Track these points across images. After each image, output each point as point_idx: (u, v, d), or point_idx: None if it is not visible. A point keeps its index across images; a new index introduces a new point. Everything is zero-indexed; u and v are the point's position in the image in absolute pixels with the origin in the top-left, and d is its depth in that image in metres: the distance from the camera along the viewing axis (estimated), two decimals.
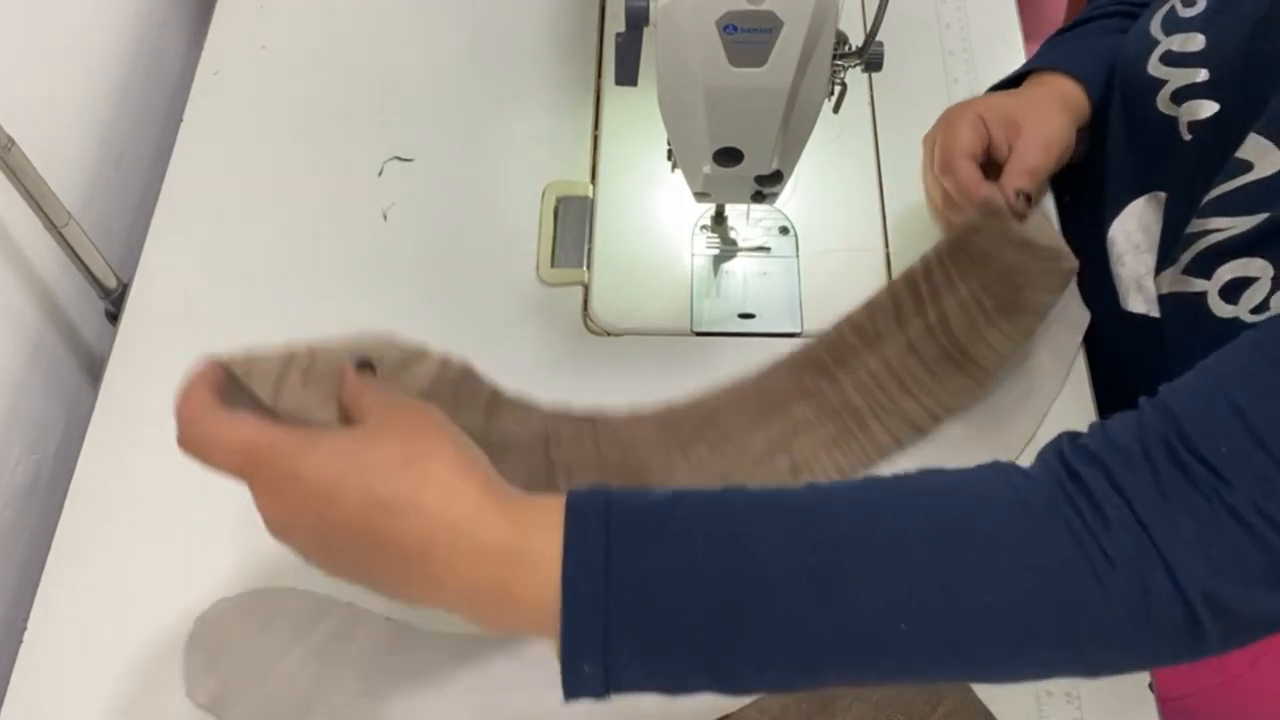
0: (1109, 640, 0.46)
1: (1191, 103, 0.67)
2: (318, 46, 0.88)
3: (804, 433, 0.69)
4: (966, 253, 0.68)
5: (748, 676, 0.46)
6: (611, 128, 0.85)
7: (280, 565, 0.66)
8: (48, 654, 0.64)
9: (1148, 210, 0.71)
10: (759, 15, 0.55)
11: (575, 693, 0.46)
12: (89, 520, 0.68)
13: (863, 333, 0.70)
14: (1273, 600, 0.46)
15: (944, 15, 0.90)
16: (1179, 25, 0.70)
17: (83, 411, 0.73)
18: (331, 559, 0.48)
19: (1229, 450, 0.46)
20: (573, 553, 0.45)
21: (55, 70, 0.80)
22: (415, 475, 0.47)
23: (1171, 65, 0.69)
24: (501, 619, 0.47)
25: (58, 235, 0.74)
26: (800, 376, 0.70)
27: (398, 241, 0.79)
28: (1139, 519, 0.46)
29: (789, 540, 0.46)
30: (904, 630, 0.45)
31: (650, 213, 0.81)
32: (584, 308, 0.77)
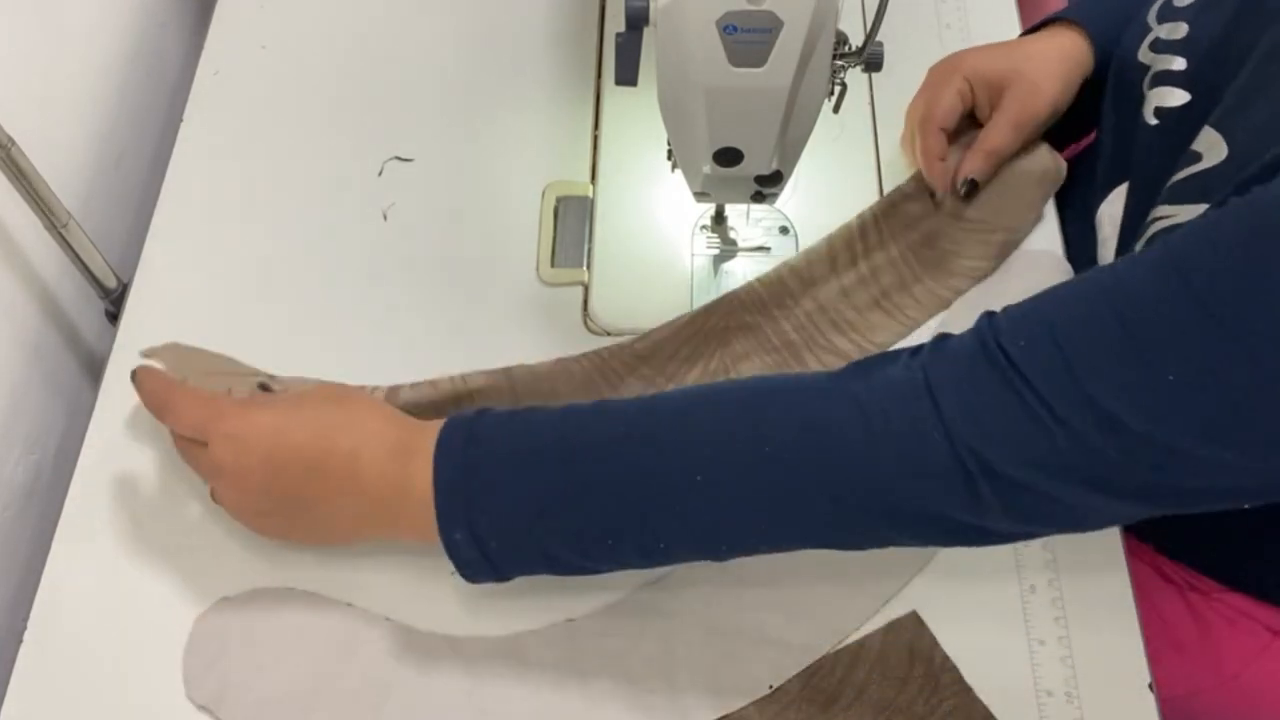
0: (885, 488, 0.53)
1: (1162, 89, 0.67)
2: (318, 46, 0.88)
3: (742, 363, 0.72)
4: (898, 216, 0.77)
5: (602, 551, 0.56)
6: (611, 128, 0.85)
7: (281, 565, 0.66)
8: (48, 654, 0.64)
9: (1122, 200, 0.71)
10: (759, 15, 0.55)
11: (464, 569, 0.57)
12: (89, 520, 0.68)
13: (800, 276, 0.75)
14: (1058, 488, 0.51)
15: (944, 15, 0.90)
16: (1172, 14, 0.70)
17: (83, 411, 0.73)
18: (276, 492, 0.59)
19: (1027, 344, 0.51)
20: (442, 445, 0.57)
21: (55, 70, 0.80)
22: (346, 407, 0.61)
23: (1158, 52, 0.69)
24: (402, 512, 0.58)
25: (58, 235, 0.74)
26: (739, 313, 0.74)
27: (398, 241, 0.79)
28: (930, 388, 0.52)
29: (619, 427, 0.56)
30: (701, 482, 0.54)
31: (650, 213, 0.81)
32: (584, 308, 0.77)
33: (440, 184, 0.82)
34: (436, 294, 0.77)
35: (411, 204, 0.81)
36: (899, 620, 0.65)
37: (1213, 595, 0.76)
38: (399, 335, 0.75)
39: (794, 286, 0.74)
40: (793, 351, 0.73)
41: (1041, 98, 0.73)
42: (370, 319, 0.76)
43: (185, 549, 0.67)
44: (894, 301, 0.75)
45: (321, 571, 0.66)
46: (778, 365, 0.72)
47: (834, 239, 0.76)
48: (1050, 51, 0.75)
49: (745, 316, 0.73)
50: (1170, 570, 0.78)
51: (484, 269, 0.78)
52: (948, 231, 0.76)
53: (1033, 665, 0.64)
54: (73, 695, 0.63)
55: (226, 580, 0.66)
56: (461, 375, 0.70)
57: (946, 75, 0.75)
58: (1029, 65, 0.74)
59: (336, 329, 0.76)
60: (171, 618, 0.65)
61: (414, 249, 0.79)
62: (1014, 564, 0.67)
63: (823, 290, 0.74)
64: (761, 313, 0.74)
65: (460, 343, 0.75)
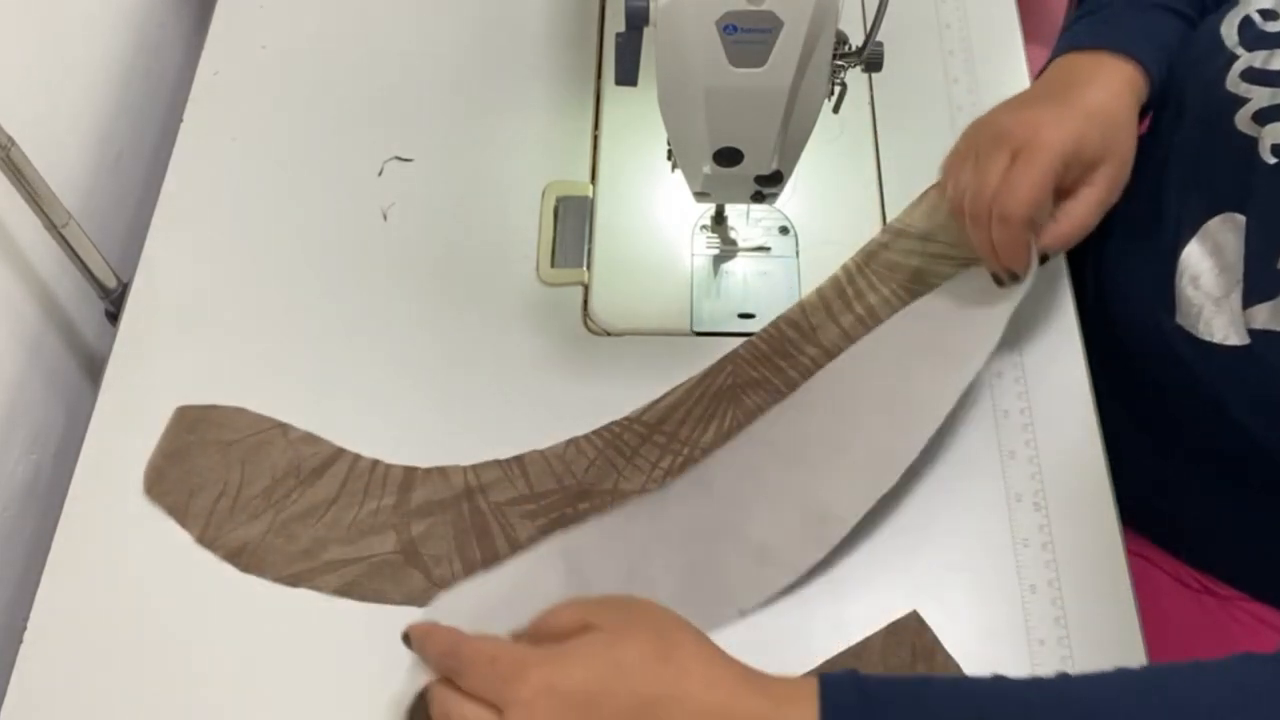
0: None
1: (1276, 125, 0.64)
2: (318, 46, 0.88)
3: (756, 419, 0.71)
4: (880, 261, 0.77)
5: None
6: (611, 128, 0.85)
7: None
8: (48, 654, 0.64)
9: (1224, 231, 0.68)
10: (759, 15, 0.55)
11: None
12: (89, 520, 0.68)
13: (798, 326, 0.75)
14: None
15: (944, 15, 0.90)
16: (1263, 40, 0.67)
17: (83, 411, 0.73)
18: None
19: None
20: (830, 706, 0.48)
21: (55, 70, 0.80)
22: (674, 668, 0.50)
23: (1255, 83, 0.66)
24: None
25: (58, 235, 0.74)
26: (745, 370, 0.73)
27: (398, 241, 0.79)
28: None
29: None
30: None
31: (650, 213, 0.81)
32: (584, 308, 0.77)
33: (440, 184, 0.82)
34: (436, 294, 0.77)
35: (411, 204, 0.81)
36: (900, 620, 0.65)
37: (1231, 602, 0.76)
38: (399, 335, 0.75)
39: (794, 336, 0.74)
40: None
41: (1128, 171, 0.68)
42: (370, 319, 0.76)
43: (185, 549, 0.67)
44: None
45: None
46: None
47: (823, 289, 0.76)
48: (1128, 113, 0.67)
49: (751, 372, 0.73)
50: (1188, 577, 0.78)
51: (484, 269, 0.78)
52: (936, 269, 0.75)
53: (1033, 665, 0.64)
54: (73, 695, 0.63)
55: (227, 580, 0.66)
56: (473, 468, 0.69)
57: (1035, 146, 0.64)
58: (1120, 140, 0.66)
59: (336, 328, 0.76)
60: (172, 618, 0.65)
61: (414, 249, 0.79)
62: (1014, 564, 0.67)
63: (824, 335, 0.74)
64: (767, 365, 0.73)
65: (460, 342, 0.75)
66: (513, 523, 0.67)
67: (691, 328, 0.76)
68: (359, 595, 0.65)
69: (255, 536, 0.67)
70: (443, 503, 0.68)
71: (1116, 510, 0.69)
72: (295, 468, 0.69)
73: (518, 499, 0.68)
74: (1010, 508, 0.69)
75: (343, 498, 0.68)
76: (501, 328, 0.75)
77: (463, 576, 0.66)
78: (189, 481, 0.69)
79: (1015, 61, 0.87)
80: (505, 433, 0.71)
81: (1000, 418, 0.72)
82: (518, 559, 0.66)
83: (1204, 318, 0.68)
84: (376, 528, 0.67)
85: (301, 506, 0.68)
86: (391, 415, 0.72)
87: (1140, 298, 0.72)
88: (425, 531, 0.67)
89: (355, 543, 0.67)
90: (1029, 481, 0.70)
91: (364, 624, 0.65)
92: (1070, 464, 0.70)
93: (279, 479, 0.69)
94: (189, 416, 0.71)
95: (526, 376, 0.74)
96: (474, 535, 0.67)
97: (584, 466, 0.69)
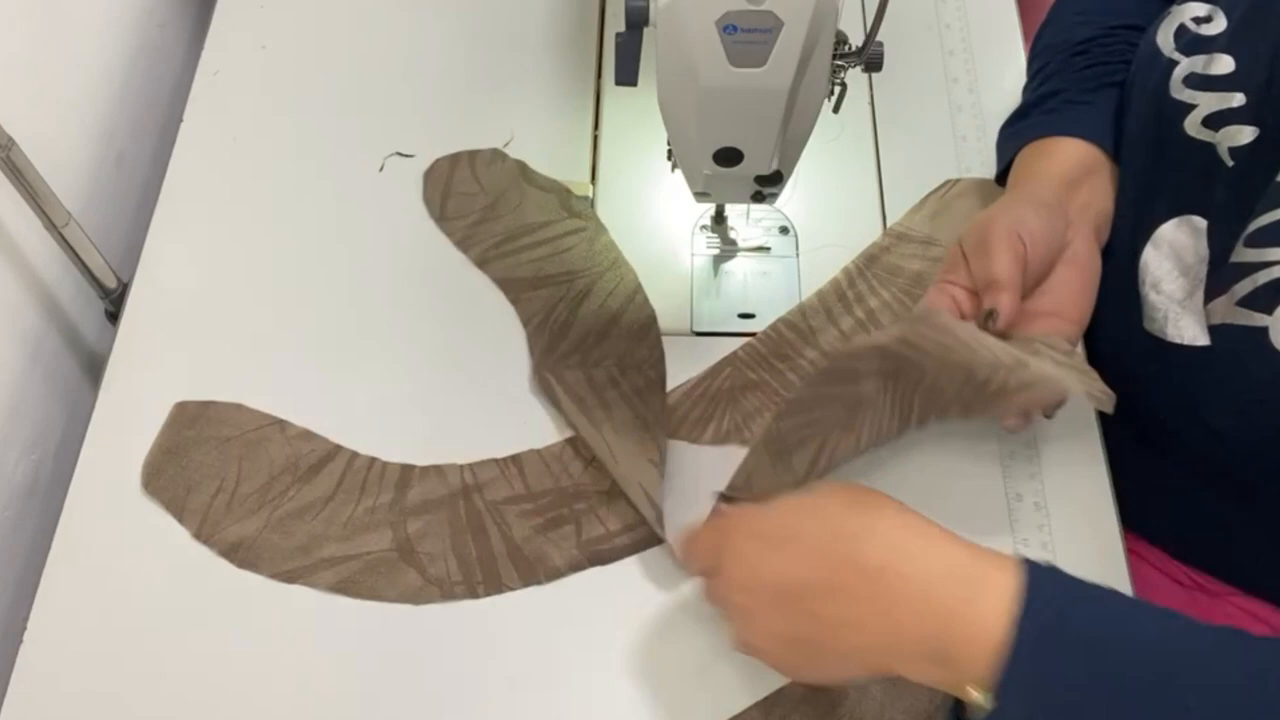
0: None
1: (1230, 128, 0.65)
2: (318, 46, 0.88)
3: (754, 420, 0.72)
4: (880, 265, 0.77)
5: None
6: (611, 128, 0.85)
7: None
8: (48, 654, 0.64)
9: (1180, 234, 0.68)
10: (759, 15, 0.55)
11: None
12: (89, 520, 0.68)
13: (798, 329, 0.75)
14: None
15: (944, 15, 0.90)
16: (1198, 45, 0.67)
17: (83, 411, 0.73)
18: (789, 606, 0.53)
19: None
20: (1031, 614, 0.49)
21: (55, 70, 0.80)
22: (868, 511, 0.54)
23: (1198, 89, 0.67)
24: (940, 645, 0.50)
25: (58, 235, 0.74)
26: (744, 372, 0.74)
27: (398, 241, 0.79)
28: None
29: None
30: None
31: (650, 213, 0.81)
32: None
33: None
34: (436, 294, 0.77)
35: (412, 204, 0.81)
36: None
37: (1222, 597, 0.76)
38: (397, 333, 0.75)
39: (793, 339, 0.74)
40: None
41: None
42: (370, 318, 0.76)
43: (185, 549, 0.67)
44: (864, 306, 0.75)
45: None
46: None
47: (824, 292, 0.76)
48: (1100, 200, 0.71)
49: (749, 374, 0.73)
50: (1179, 573, 0.78)
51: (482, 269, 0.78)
52: (931, 272, 0.76)
53: None
54: (73, 695, 0.63)
55: (227, 580, 0.66)
56: (470, 466, 0.69)
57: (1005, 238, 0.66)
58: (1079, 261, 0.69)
59: (335, 327, 0.76)
60: (171, 618, 0.65)
61: (413, 248, 0.79)
62: None
63: (823, 338, 0.74)
64: (766, 368, 0.73)
65: (459, 342, 0.75)
66: (509, 521, 0.67)
67: (691, 327, 0.76)
68: (354, 592, 0.65)
69: (251, 533, 0.67)
70: (439, 501, 0.68)
71: (1117, 510, 0.69)
72: (292, 464, 0.69)
73: (514, 498, 0.68)
74: (1010, 508, 0.69)
75: (339, 495, 0.68)
76: (501, 328, 0.75)
77: (458, 575, 0.66)
78: (186, 477, 0.69)
79: (1015, 61, 0.87)
80: (502, 432, 0.71)
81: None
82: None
83: (1170, 320, 0.68)
84: (372, 525, 0.67)
85: (298, 503, 0.68)
86: (389, 413, 0.72)
87: (1110, 306, 0.72)
88: (421, 529, 0.67)
89: (351, 540, 0.67)
90: (1029, 481, 0.70)
91: (359, 621, 0.65)
92: (1070, 464, 0.70)
93: (276, 475, 0.69)
94: (187, 412, 0.71)
95: (524, 376, 0.74)
96: (470, 533, 0.67)
97: (581, 466, 0.69)
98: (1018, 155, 0.75)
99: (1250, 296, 0.63)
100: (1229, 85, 0.65)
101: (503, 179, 0.80)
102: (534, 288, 0.76)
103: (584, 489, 0.68)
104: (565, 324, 0.74)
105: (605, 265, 0.77)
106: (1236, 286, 0.64)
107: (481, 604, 0.65)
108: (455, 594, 0.65)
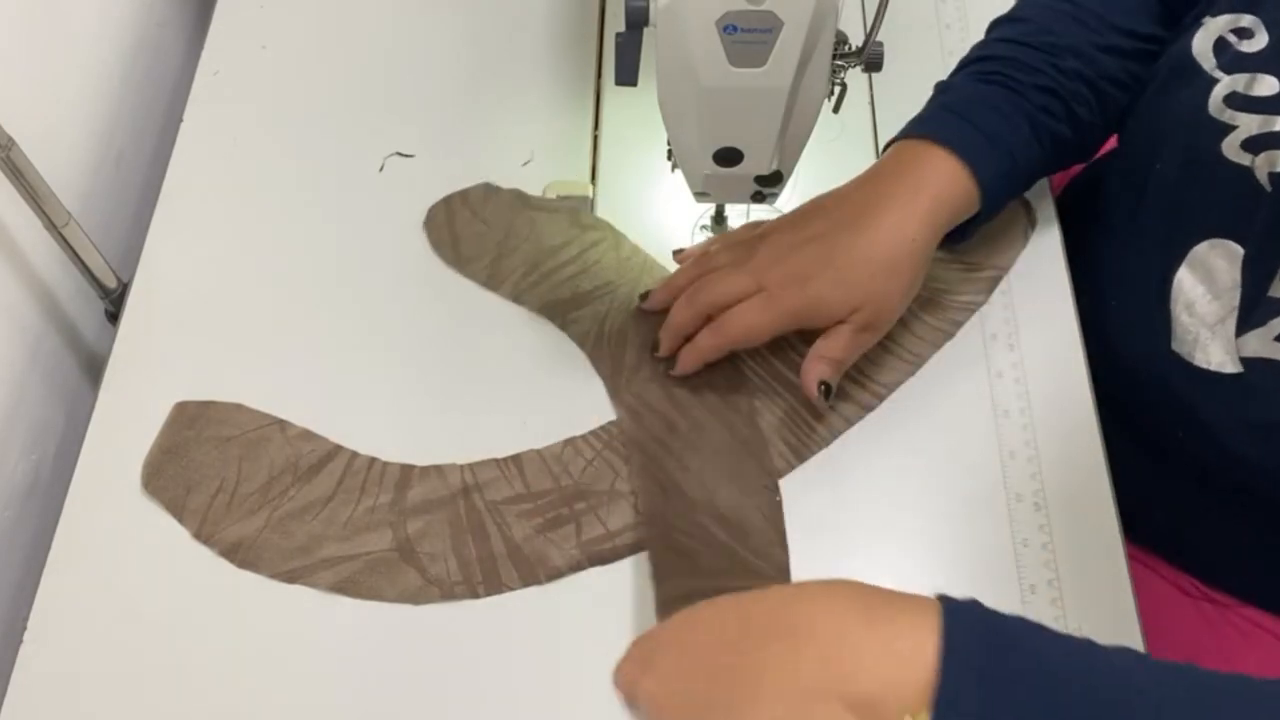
0: None
1: (1271, 153, 0.62)
2: (318, 46, 0.88)
3: (757, 418, 0.71)
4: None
5: None
6: (611, 128, 0.85)
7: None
8: (48, 654, 0.64)
9: (1212, 256, 0.67)
10: (759, 15, 0.55)
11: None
12: (89, 520, 0.68)
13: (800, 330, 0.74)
14: None
15: (944, 15, 0.90)
16: (1242, 62, 0.65)
17: (83, 411, 0.73)
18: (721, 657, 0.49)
19: None
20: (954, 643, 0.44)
21: (55, 70, 0.80)
22: (792, 589, 0.52)
23: (1240, 109, 0.64)
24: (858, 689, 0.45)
25: (58, 235, 0.74)
26: (744, 378, 0.73)
27: (398, 241, 0.79)
28: None
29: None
30: None
31: (650, 213, 0.81)
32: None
33: (440, 185, 0.82)
34: (436, 293, 0.77)
35: (412, 204, 0.81)
36: None
37: (1229, 609, 0.76)
38: (398, 333, 0.75)
39: (791, 336, 0.73)
40: (800, 399, 0.71)
41: (886, 315, 0.68)
42: (370, 318, 0.76)
43: (185, 549, 0.67)
44: (896, 340, 0.73)
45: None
46: (788, 410, 0.71)
47: None
48: (904, 259, 0.67)
49: (746, 377, 0.72)
50: (1186, 584, 0.77)
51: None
52: (936, 274, 0.75)
53: None
54: (73, 695, 0.63)
55: (228, 580, 0.66)
56: (470, 466, 0.69)
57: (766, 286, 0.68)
58: (875, 293, 0.67)
59: (336, 327, 0.76)
60: (171, 618, 0.65)
61: (414, 247, 0.79)
62: (1014, 564, 0.67)
63: None
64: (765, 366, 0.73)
65: (459, 342, 0.75)
66: (509, 521, 0.67)
67: None
68: (354, 592, 0.65)
69: (251, 533, 0.67)
70: (439, 501, 0.68)
71: (1117, 510, 0.69)
72: (292, 464, 0.69)
73: (514, 498, 0.68)
74: (1010, 508, 0.69)
75: (339, 495, 0.68)
76: (501, 327, 0.75)
77: (458, 575, 0.66)
78: (187, 477, 0.69)
79: None
80: (502, 432, 0.71)
81: (1000, 418, 0.72)
82: None
83: (1200, 344, 0.67)
84: (372, 525, 0.67)
85: (298, 503, 0.68)
86: (389, 413, 0.72)
87: (1136, 324, 0.71)
88: (421, 529, 0.67)
89: (351, 540, 0.67)
90: (1029, 481, 0.70)
91: (358, 621, 0.65)
92: (1070, 464, 0.70)
93: (276, 475, 0.69)
94: (187, 412, 0.71)
95: (526, 377, 0.74)
96: (470, 534, 0.67)
97: (581, 467, 0.69)
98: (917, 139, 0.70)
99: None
100: (1272, 108, 0.63)
101: (505, 210, 0.79)
102: (578, 306, 0.75)
103: (584, 489, 0.68)
104: (621, 332, 0.74)
105: (637, 269, 0.77)
106: (1274, 320, 0.63)
107: (481, 604, 0.65)
108: (455, 594, 0.65)
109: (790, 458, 0.70)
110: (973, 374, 0.73)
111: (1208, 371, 0.67)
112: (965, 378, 0.73)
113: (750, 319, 0.68)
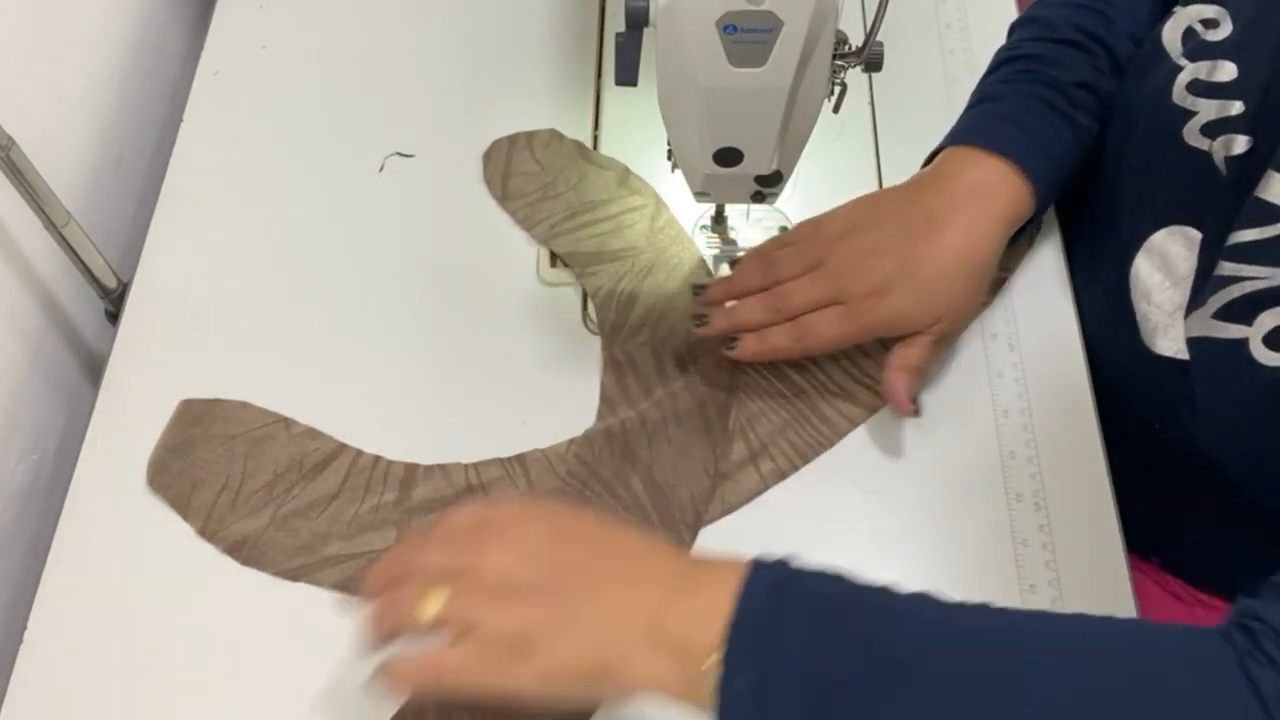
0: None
1: (1226, 137, 0.63)
2: (318, 46, 0.88)
3: (757, 422, 0.71)
4: None
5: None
6: (611, 128, 0.85)
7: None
8: (48, 654, 0.64)
9: (1169, 243, 0.67)
10: (759, 15, 0.55)
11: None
12: (89, 520, 0.68)
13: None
14: None
15: (944, 15, 0.90)
16: (1204, 50, 0.66)
17: (83, 411, 0.73)
18: (562, 562, 0.52)
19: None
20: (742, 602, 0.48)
21: (55, 70, 0.80)
22: (619, 525, 0.54)
23: (1201, 95, 0.65)
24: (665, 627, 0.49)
25: (58, 235, 0.74)
26: (740, 374, 0.73)
27: (398, 241, 0.79)
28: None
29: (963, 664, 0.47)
30: None
31: None
32: (583, 308, 0.77)
33: (440, 184, 0.82)
34: (437, 292, 0.77)
35: (411, 204, 0.81)
36: None
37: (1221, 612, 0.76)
38: (400, 333, 0.75)
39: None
40: (807, 401, 0.72)
41: (959, 325, 0.71)
42: (371, 316, 0.76)
43: (185, 549, 0.67)
44: (900, 338, 0.72)
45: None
46: (794, 417, 0.71)
47: None
48: (976, 266, 0.69)
49: (743, 377, 0.73)
50: (1178, 588, 0.77)
51: (483, 269, 0.78)
52: None
53: None
54: (73, 695, 0.63)
55: (228, 580, 0.66)
56: (475, 465, 0.69)
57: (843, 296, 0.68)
58: (953, 303, 0.69)
59: (337, 327, 0.76)
60: (171, 618, 0.65)
61: (414, 247, 0.79)
62: (1014, 564, 0.67)
63: None
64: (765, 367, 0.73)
65: (462, 340, 0.75)
66: None
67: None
68: (358, 591, 0.65)
69: (256, 530, 0.67)
70: (444, 500, 0.68)
71: (1116, 510, 0.69)
72: (297, 462, 0.69)
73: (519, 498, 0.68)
74: (1010, 508, 0.69)
75: (344, 493, 0.68)
76: (501, 328, 0.76)
77: None
78: (191, 474, 0.69)
79: None
80: (506, 431, 0.71)
81: (1000, 417, 0.72)
82: None
83: (1159, 332, 0.67)
84: (377, 524, 0.67)
85: (303, 501, 0.68)
86: (393, 412, 0.72)
87: (1104, 315, 0.71)
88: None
89: (355, 538, 0.67)
90: (1029, 481, 0.70)
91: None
92: (1070, 464, 0.70)
93: (281, 473, 0.69)
94: (193, 410, 0.71)
95: (526, 376, 0.74)
96: None
97: (583, 467, 0.69)
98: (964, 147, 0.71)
99: (1227, 308, 0.62)
100: (1230, 93, 0.64)
101: (561, 158, 0.81)
102: (599, 262, 0.76)
103: (587, 489, 0.68)
104: (631, 296, 0.75)
105: (667, 241, 0.77)
106: (1212, 299, 0.63)
107: None
108: None
109: (795, 458, 0.70)
110: (973, 374, 0.73)
111: (1169, 360, 0.67)
112: (965, 378, 0.73)
113: (832, 332, 0.68)
